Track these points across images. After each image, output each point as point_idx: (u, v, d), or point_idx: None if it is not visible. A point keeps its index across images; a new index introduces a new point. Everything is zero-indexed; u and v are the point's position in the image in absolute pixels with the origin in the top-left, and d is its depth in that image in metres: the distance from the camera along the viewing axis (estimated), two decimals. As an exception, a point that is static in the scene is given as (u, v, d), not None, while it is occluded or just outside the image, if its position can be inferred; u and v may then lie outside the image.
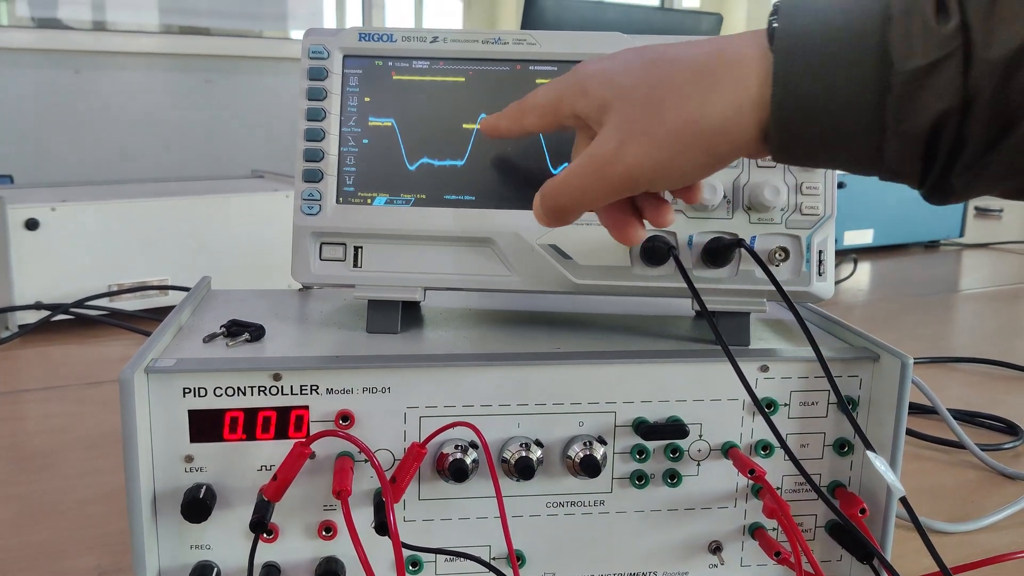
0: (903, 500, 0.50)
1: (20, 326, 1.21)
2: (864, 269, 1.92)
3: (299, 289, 0.79)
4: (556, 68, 0.64)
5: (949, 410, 0.92)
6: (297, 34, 3.36)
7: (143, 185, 1.51)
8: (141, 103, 2.85)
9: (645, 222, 0.54)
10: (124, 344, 1.21)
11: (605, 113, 0.48)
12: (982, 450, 0.90)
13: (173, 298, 1.32)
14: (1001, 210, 2.89)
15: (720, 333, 0.54)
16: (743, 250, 0.61)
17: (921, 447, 0.94)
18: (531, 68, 0.64)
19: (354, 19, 3.52)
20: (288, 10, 3.34)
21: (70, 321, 1.25)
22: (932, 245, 2.21)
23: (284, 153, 2.92)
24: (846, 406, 0.57)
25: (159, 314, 1.30)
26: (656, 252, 0.60)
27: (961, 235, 2.21)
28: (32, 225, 1.20)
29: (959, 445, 0.91)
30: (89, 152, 2.74)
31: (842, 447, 0.63)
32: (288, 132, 2.98)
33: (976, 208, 2.80)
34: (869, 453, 0.52)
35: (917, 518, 0.51)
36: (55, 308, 1.22)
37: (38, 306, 1.21)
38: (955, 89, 0.40)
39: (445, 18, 4.01)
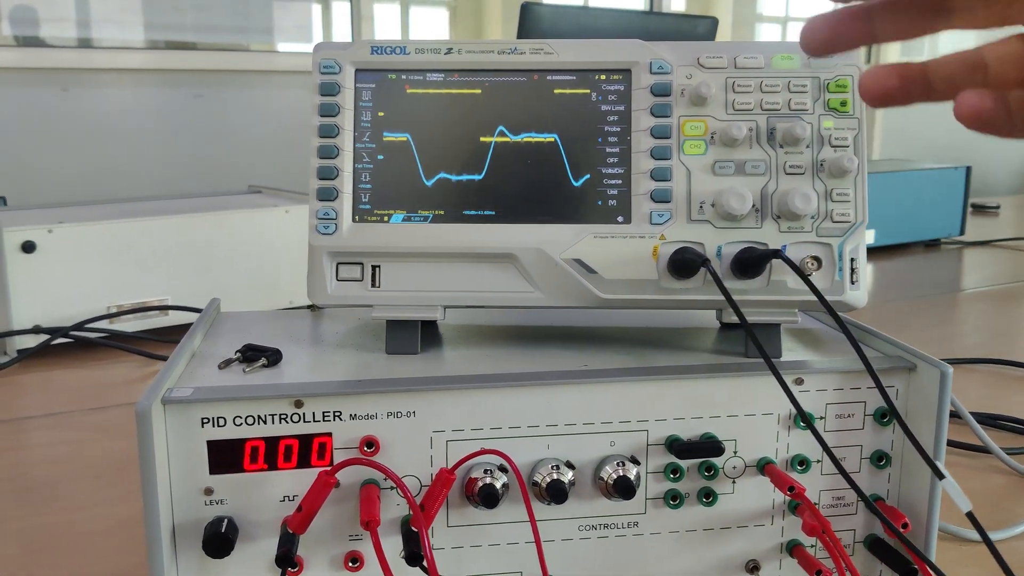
0: (971, 516, 0.48)
1: (19, 351, 1.18)
2: (867, 270, 1.91)
3: (310, 308, 0.76)
4: (574, 77, 0.62)
5: (970, 413, 0.90)
6: (284, 47, 3.34)
7: (140, 204, 1.49)
8: (131, 120, 2.83)
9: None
10: (126, 367, 1.19)
11: None
12: (1008, 454, 0.88)
13: (174, 318, 1.29)
14: (998, 206, 2.89)
15: (762, 346, 0.52)
16: (775, 260, 0.59)
17: (945, 452, 0.92)
18: (549, 78, 0.62)
19: (341, 32, 3.50)
20: (274, 23, 3.32)
21: (70, 344, 1.23)
22: (933, 244, 2.20)
23: (278, 167, 2.89)
24: (902, 421, 0.55)
25: (160, 335, 1.27)
26: (686, 264, 0.59)
27: (961, 233, 2.20)
28: (29, 248, 1.18)
29: (984, 450, 0.89)
30: (81, 171, 2.71)
31: (879, 460, 0.61)
32: (281, 146, 2.95)
33: (973, 205, 2.79)
34: (941, 466, 0.50)
35: (986, 533, 0.49)
36: (54, 332, 1.19)
37: (37, 330, 1.19)
38: None
39: (431, 30, 4.00)
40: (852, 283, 0.61)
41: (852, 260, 0.61)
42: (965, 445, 0.92)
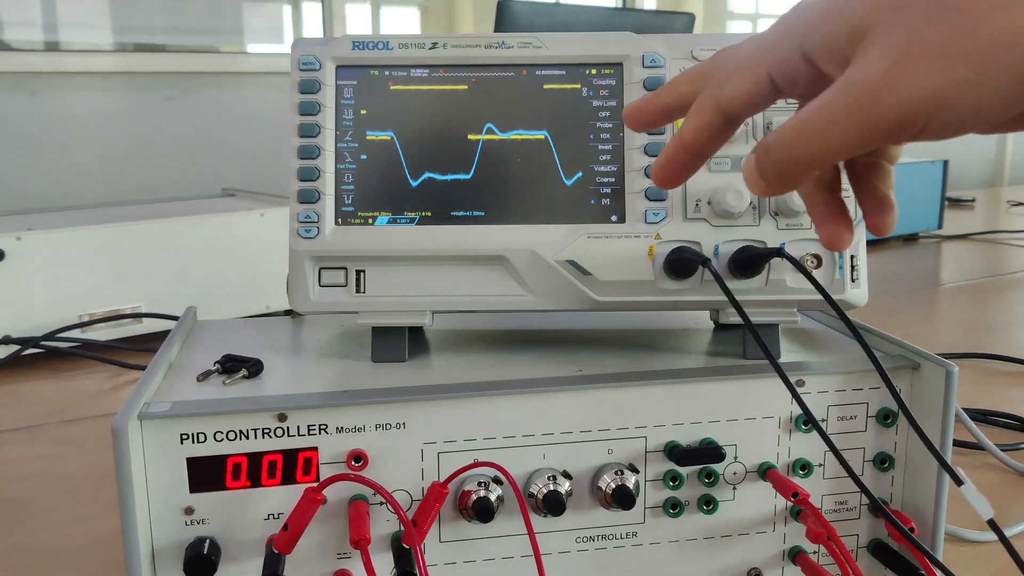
0: (992, 523, 0.47)
1: (-12, 362, 1.15)
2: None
3: (288, 314, 0.74)
4: (564, 72, 0.60)
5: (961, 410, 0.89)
6: (254, 48, 3.29)
7: (111, 209, 1.45)
8: (102, 124, 2.78)
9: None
10: (98, 377, 1.15)
11: (862, 39, 0.36)
12: (1002, 450, 0.87)
13: (148, 326, 1.26)
14: (973, 200, 2.89)
15: (767, 348, 0.50)
16: (776, 259, 0.57)
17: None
18: (538, 72, 0.60)
19: (312, 33, 3.46)
20: (244, 24, 3.28)
21: (41, 355, 1.19)
22: (911, 238, 2.19)
23: (252, 169, 2.85)
24: (916, 425, 0.53)
25: (134, 343, 1.24)
26: (684, 264, 0.57)
27: (939, 227, 2.20)
28: (-3, 256, 1.14)
29: (977, 446, 0.88)
30: (51, 176, 2.66)
31: (883, 462, 0.59)
32: (255, 148, 2.91)
33: (949, 199, 2.79)
34: (959, 470, 0.48)
35: (1009, 541, 0.47)
36: (25, 342, 1.16)
37: (7, 340, 1.15)
38: None
39: (402, 30, 3.97)
40: (852, 281, 0.59)
41: (852, 257, 0.59)
42: (957, 442, 0.90)
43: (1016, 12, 0.32)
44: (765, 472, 0.58)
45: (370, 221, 0.60)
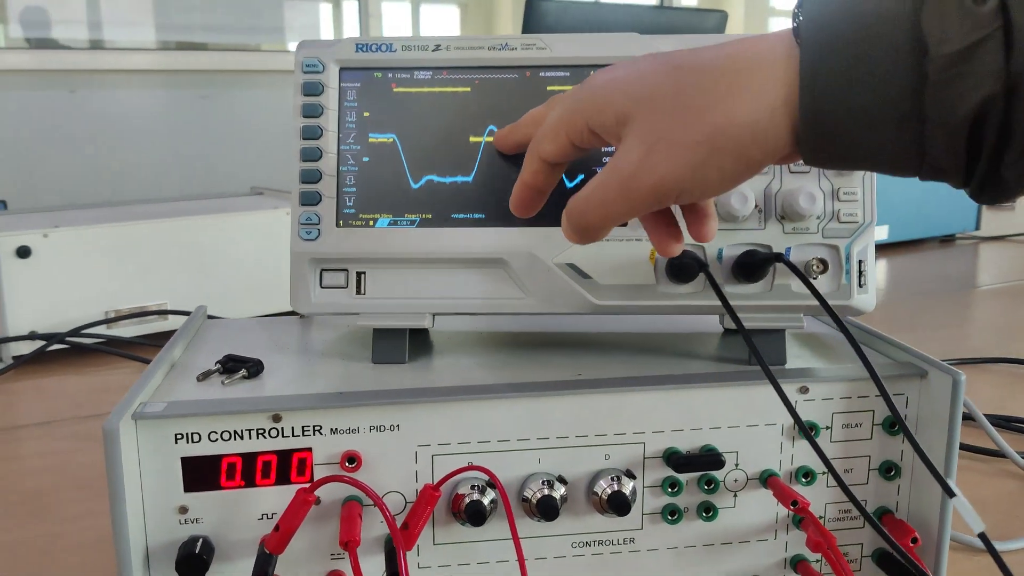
0: (983, 537, 0.45)
1: (14, 357, 1.17)
2: (880, 267, 1.87)
3: (300, 316, 0.74)
4: (568, 74, 0.60)
5: (984, 415, 0.87)
6: (295, 46, 3.32)
7: (139, 207, 1.47)
8: (138, 121, 2.81)
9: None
10: (122, 373, 1.17)
11: (625, 125, 0.45)
12: (1023, 458, 0.85)
13: (173, 323, 1.27)
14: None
15: (760, 354, 0.49)
16: (779, 263, 0.57)
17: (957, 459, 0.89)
18: (542, 74, 0.60)
19: (352, 30, 3.48)
20: (285, 22, 3.31)
21: (66, 351, 1.21)
22: (948, 239, 2.16)
23: (283, 169, 2.88)
24: (911, 435, 0.52)
25: (158, 340, 1.25)
26: (684, 268, 0.56)
27: (977, 228, 2.16)
28: (24, 253, 1.16)
29: (998, 454, 0.86)
30: (86, 173, 2.70)
31: (888, 471, 0.58)
32: (287, 147, 2.94)
33: (989, 200, 2.74)
34: (951, 482, 0.47)
35: (1001, 558, 0.46)
36: (50, 338, 1.18)
37: (32, 336, 1.17)
38: (996, 73, 0.37)
39: (443, 27, 3.98)
40: (860, 286, 0.58)
41: (860, 262, 0.58)
42: (978, 449, 0.89)
43: (729, 108, 0.41)
44: (766, 479, 0.57)
45: (371, 223, 0.60)
